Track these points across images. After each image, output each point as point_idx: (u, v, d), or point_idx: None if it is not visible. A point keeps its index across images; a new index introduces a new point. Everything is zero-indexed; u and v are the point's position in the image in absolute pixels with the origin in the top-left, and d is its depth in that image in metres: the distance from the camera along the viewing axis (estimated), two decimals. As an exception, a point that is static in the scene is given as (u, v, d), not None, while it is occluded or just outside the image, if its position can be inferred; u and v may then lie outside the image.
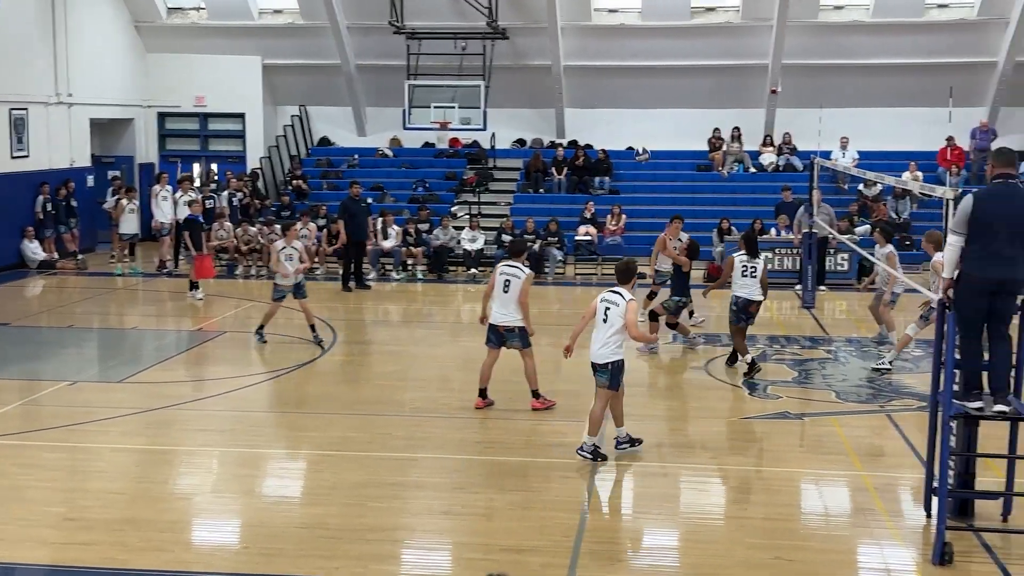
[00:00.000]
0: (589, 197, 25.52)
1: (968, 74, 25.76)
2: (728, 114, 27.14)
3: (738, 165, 26.83)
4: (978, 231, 7.79)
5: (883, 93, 26.51)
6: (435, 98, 26.60)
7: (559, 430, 11.00)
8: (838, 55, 26.28)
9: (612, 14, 27.36)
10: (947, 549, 7.50)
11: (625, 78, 27.50)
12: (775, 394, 12.55)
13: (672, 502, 9.11)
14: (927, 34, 25.90)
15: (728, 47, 26.64)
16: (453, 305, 20.51)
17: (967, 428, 8.19)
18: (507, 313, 11.62)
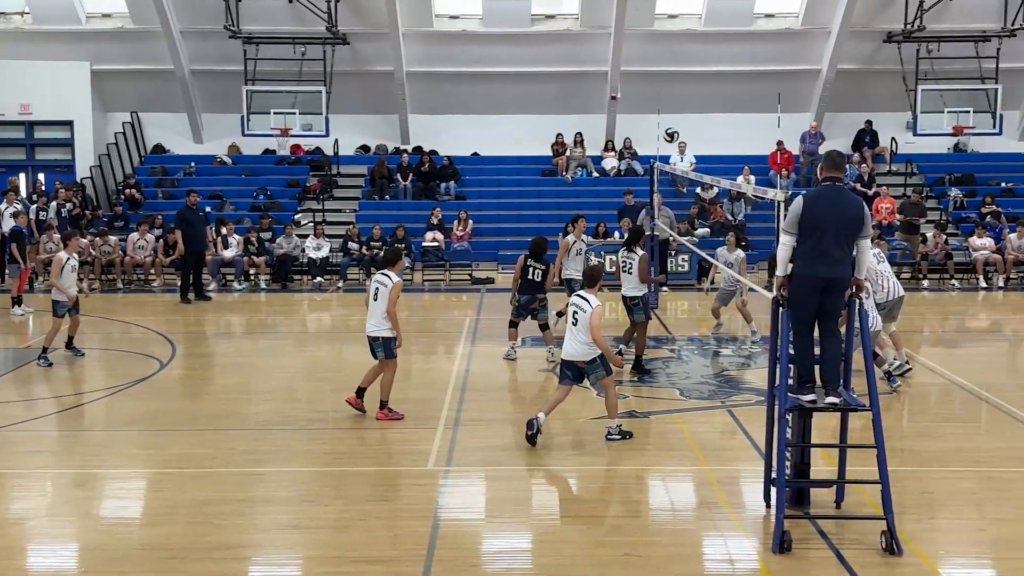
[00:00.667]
0: (435, 203, 25.53)
1: (795, 81, 26.94)
2: (570, 120, 27.60)
3: (581, 170, 27.31)
4: (808, 231, 8.13)
5: (717, 99, 27.45)
6: (275, 104, 26.17)
7: (408, 438, 10.93)
8: (674, 62, 27.07)
9: (453, 20, 27.45)
10: (786, 537, 7.78)
11: (468, 84, 27.63)
12: (621, 394, 12.77)
13: (523, 504, 9.16)
14: (756, 43, 26.96)
15: (568, 54, 27.10)
16: (298, 315, 20.16)
17: (802, 420, 8.52)
18: (373, 323, 11.49)
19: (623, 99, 27.07)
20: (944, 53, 26.10)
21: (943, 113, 25.71)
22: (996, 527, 8.41)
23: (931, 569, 7.55)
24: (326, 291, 22.29)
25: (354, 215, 25.84)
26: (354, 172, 27.79)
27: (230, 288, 22.20)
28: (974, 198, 25.81)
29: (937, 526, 8.50)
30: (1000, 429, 11.33)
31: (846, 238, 8.14)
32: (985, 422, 11.84)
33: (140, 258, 22.49)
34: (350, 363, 15.41)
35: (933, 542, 8.10)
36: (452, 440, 10.76)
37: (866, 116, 27.46)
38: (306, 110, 26.32)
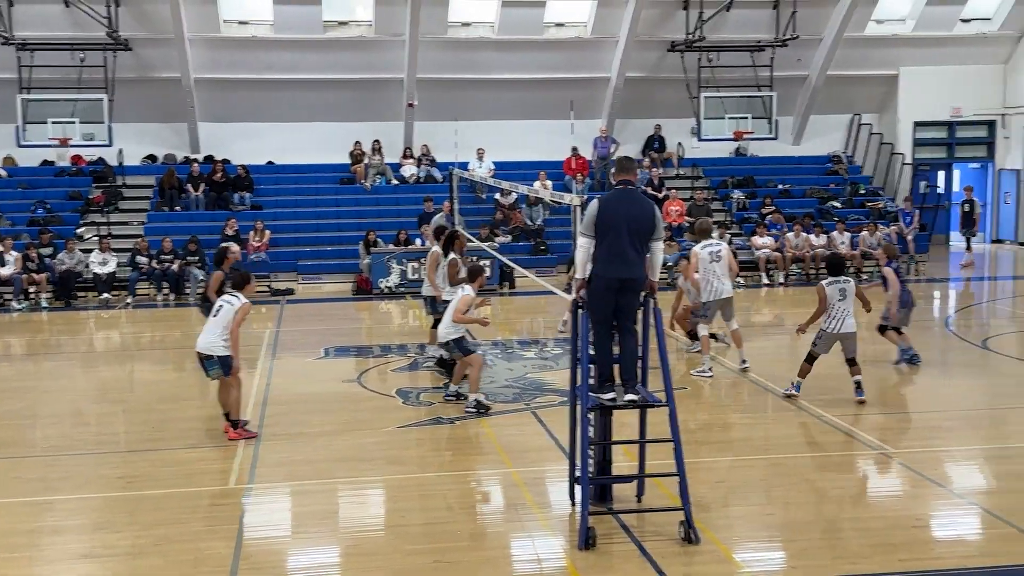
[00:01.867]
0: (230, 213, 24.84)
1: (586, 88, 27.71)
2: (368, 127, 27.42)
3: (380, 178, 27.18)
4: (604, 234, 8.38)
5: (513, 106, 27.89)
6: (53, 113, 24.85)
7: (207, 457, 10.59)
8: (469, 70, 27.34)
9: (243, 26, 26.79)
10: (591, 533, 7.98)
11: (261, 91, 27.03)
12: (428, 401, 12.81)
13: (330, 518, 9.03)
14: (548, 51, 27.57)
15: (363, 61, 26.92)
16: (84, 334, 19.19)
17: (603, 418, 8.76)
18: (208, 340, 11.05)
19: (420, 106, 27.13)
20: (723, 62, 27.44)
21: (724, 119, 27.02)
22: (784, 510, 8.89)
23: (726, 555, 7.91)
24: (114, 308, 21.33)
25: (143, 227, 24.81)
26: (141, 183, 26.67)
27: (8, 308, 20.93)
28: (755, 199, 27.24)
29: (731, 513, 8.91)
30: (785, 417, 11.98)
31: (640, 239, 8.43)
32: (771, 411, 12.49)
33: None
34: (142, 382, 14.82)
35: (728, 529, 8.49)
36: (254, 457, 10.50)
37: (653, 122, 28.54)
38: (87, 119, 25.09)
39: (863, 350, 12.74)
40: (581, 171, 26.82)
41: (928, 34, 28.55)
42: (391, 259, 22.64)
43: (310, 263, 24.05)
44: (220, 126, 27.35)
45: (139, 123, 26.65)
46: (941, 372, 14.45)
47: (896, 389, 13.61)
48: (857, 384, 12.19)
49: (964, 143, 30.27)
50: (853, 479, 9.93)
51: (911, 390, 13.58)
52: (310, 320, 19.62)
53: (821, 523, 8.51)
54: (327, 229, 25.39)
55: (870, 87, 29.54)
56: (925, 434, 11.20)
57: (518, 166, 27.03)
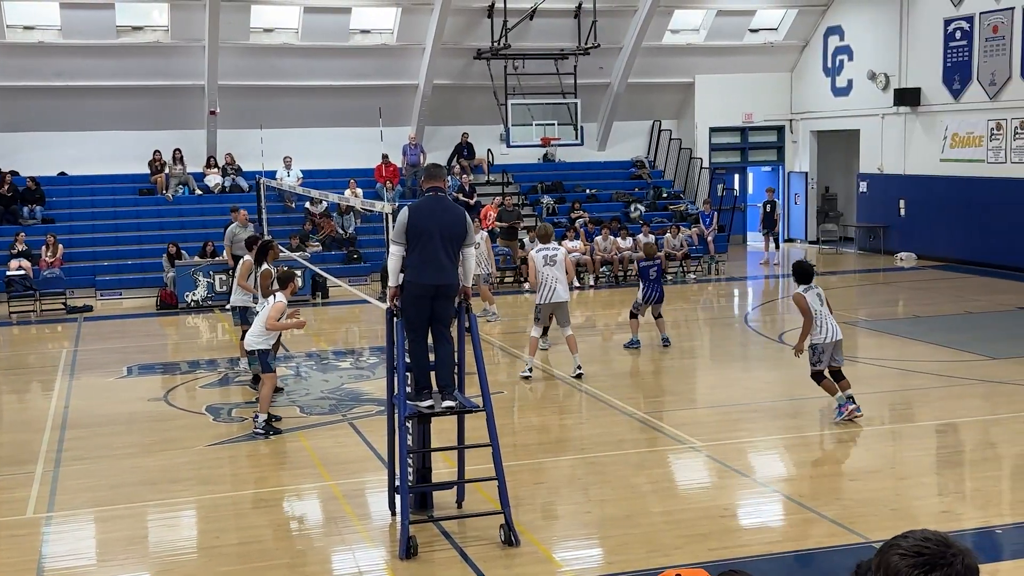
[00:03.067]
0: (19, 228, 23.48)
1: (394, 95, 27.64)
2: (168, 135, 26.45)
3: (183, 187, 26.30)
4: (415, 241, 8.38)
5: (320, 113, 27.52)
6: None
7: (3, 485, 9.99)
8: (273, 76, 26.80)
9: (28, 31, 25.40)
10: (412, 542, 7.96)
11: (51, 99, 25.67)
12: (240, 416, 12.48)
13: (139, 542, 8.67)
14: (354, 58, 27.35)
15: (161, 67, 25.97)
16: None
17: (421, 426, 8.76)
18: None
19: (223, 114, 26.40)
20: (529, 69, 27.91)
21: (532, 126, 27.48)
22: (601, 507, 9.11)
23: (546, 555, 8.04)
24: None
25: (-79, 245, 23.17)
26: (-79, 197, 24.90)
27: None
28: (564, 204, 27.83)
29: (550, 513, 9.07)
30: (597, 417, 12.28)
31: (452, 246, 8.47)
32: (585, 411, 12.79)
33: None
34: None
35: (547, 529, 8.64)
36: (53, 483, 9.97)
37: (463, 128, 28.75)
38: None
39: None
40: (392, 179, 26.74)
41: (720, 43, 29.90)
42: (197, 271, 21.94)
43: (109, 278, 23.01)
44: (7, 136, 25.81)
45: (-85, 133, 24.87)
46: (741, 366, 15.14)
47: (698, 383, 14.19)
48: (850, 398, 11.39)
49: (756, 147, 31.84)
50: (664, 473, 10.27)
51: (712, 384, 14.17)
52: (111, 337, 18.77)
53: (636, 518, 8.76)
54: (127, 242, 24.35)
55: (668, 94, 30.70)
56: (728, 426, 11.71)
57: (328, 174, 26.69)
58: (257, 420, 11.58)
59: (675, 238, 25.01)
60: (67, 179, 26.23)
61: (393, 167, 27.03)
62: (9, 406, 14.06)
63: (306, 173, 26.38)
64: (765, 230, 27.41)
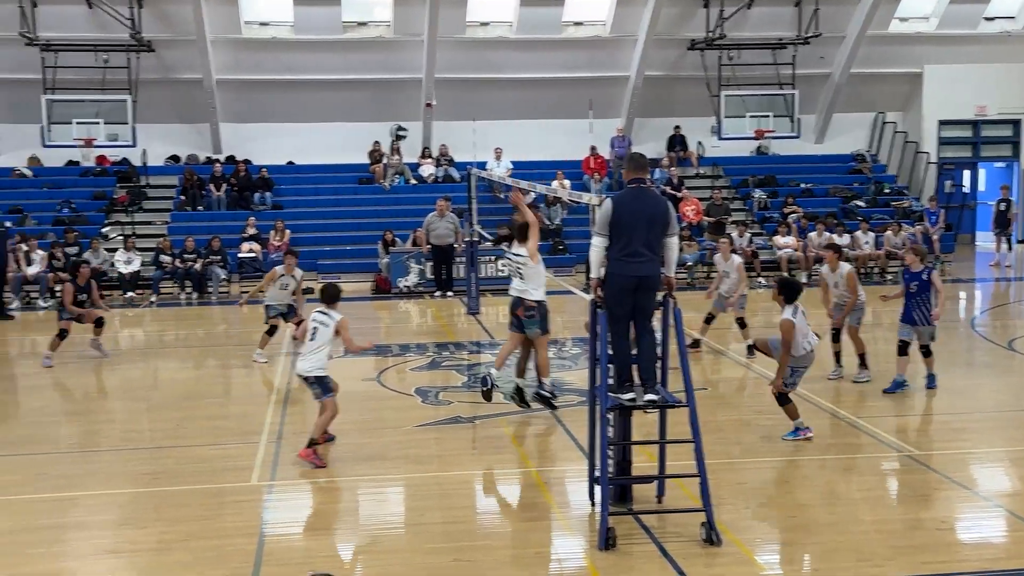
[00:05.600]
0: (250, 213, 24.96)
1: (605, 87, 27.68)
2: (387, 127, 27.48)
3: (399, 177, 27.24)
4: (618, 232, 8.37)
5: (530, 106, 27.90)
6: (78, 114, 25.04)
7: (229, 454, 10.66)
8: (487, 69, 27.37)
9: (264, 27, 26.92)
10: (611, 534, 7.97)
11: (281, 92, 27.15)
12: (446, 400, 12.84)
13: (351, 516, 9.08)
14: (566, 50, 27.56)
15: (382, 61, 27.00)
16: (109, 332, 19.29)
17: (622, 418, 8.75)
18: (308, 364, 10.36)
19: (439, 106, 27.18)
20: (744, 60, 27.35)
21: (745, 118, 26.93)
22: (805, 512, 8.86)
23: (748, 556, 7.89)
24: (138, 306, 21.46)
25: (166, 227, 24.98)
26: (164, 183, 26.85)
27: (34, 306, 21.09)
28: (776, 199, 27.14)
29: (752, 514, 8.87)
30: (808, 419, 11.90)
31: (655, 236, 8.42)
32: (792, 411, 12.42)
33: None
34: (166, 379, 14.92)
35: (750, 530, 8.47)
36: (276, 454, 10.55)
37: (674, 121, 28.46)
38: (111, 119, 25.27)
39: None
40: (599, 170, 26.79)
41: (952, 32, 28.38)
42: (409, 259, 22.70)
43: (330, 263, 24.12)
44: (241, 127, 27.50)
45: (162, 124, 26.82)
46: (966, 373, 14.36)
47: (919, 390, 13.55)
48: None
49: (989, 142, 30.06)
50: (876, 480, 9.87)
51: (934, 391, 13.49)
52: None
53: (843, 525, 8.47)
54: (346, 229, 25.47)
55: (894, 85, 29.38)
56: (949, 435, 11.14)
57: (536, 166, 27.04)
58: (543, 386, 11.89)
59: (896, 236, 23.95)
60: (294, 168, 27.67)
61: (601, 159, 27.08)
62: (238, 380, 14.96)
63: (515, 164, 26.81)
64: (998, 230, 25.78)
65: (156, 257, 22.66)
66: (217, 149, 27.61)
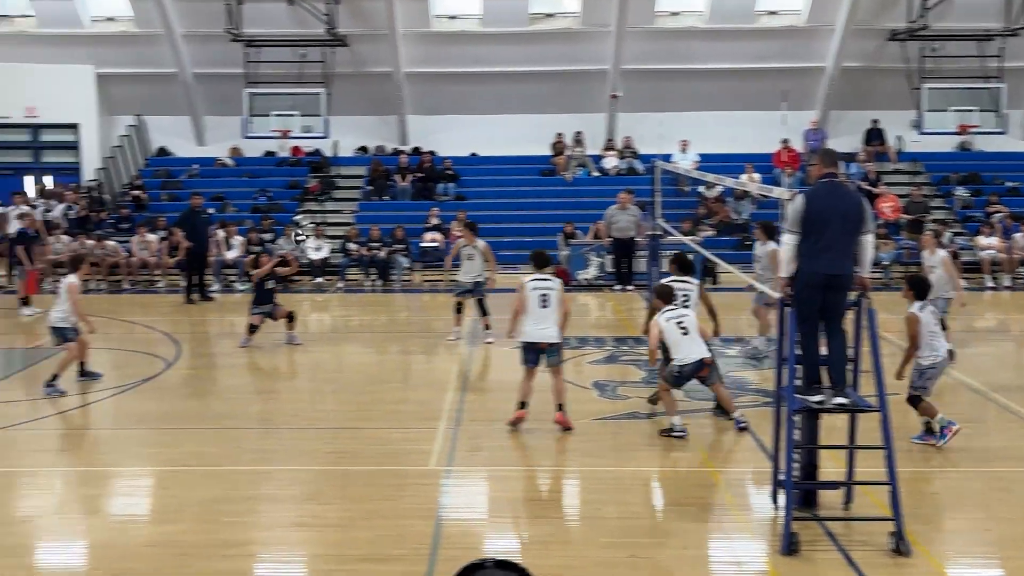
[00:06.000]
0: (434, 204, 25.47)
1: (799, 78, 26.87)
2: (570, 119, 27.52)
3: (581, 169, 27.23)
4: (810, 229, 8.08)
5: (720, 97, 27.35)
6: (275, 106, 26.14)
7: (410, 438, 10.89)
8: (676, 60, 26.99)
9: (452, 21, 27.40)
10: (794, 539, 7.73)
11: (467, 84, 27.57)
12: (624, 395, 12.74)
13: (526, 505, 9.12)
14: (760, 40, 26.88)
15: (568, 53, 27.02)
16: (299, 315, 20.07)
17: (809, 421, 8.46)
18: (548, 330, 10.71)
19: (624, 97, 27.01)
20: (948, 52, 26.05)
21: (948, 112, 25.65)
22: (1002, 526, 8.35)
23: (938, 570, 7.51)
24: (326, 291, 22.25)
25: (353, 216, 25.79)
26: (353, 173, 27.74)
27: (233, 289, 22.16)
28: (980, 197, 25.73)
29: (944, 526, 8.46)
30: (1006, 428, 11.27)
31: (848, 234, 8.10)
32: (992, 422, 11.77)
33: (144, 258, 22.50)
34: (351, 363, 15.40)
35: (941, 543, 8.06)
36: (454, 440, 10.72)
37: (871, 114, 27.34)
38: (306, 112, 26.28)
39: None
40: (791, 164, 26.03)
41: None
42: (589, 251, 22.66)
43: (510, 254, 24.30)
44: (427, 118, 28.10)
45: (352, 116, 27.67)
46: None
47: None
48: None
49: None
50: (1084, 498, 9.21)
51: None
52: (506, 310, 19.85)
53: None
54: (527, 220, 25.64)
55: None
56: None
57: (724, 158, 26.49)
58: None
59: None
60: (478, 159, 28.07)
61: (793, 152, 26.31)
62: (419, 366, 15.30)
63: (703, 157, 26.36)
64: None
65: (344, 245, 23.42)
66: (404, 140, 28.31)
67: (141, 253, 22.54)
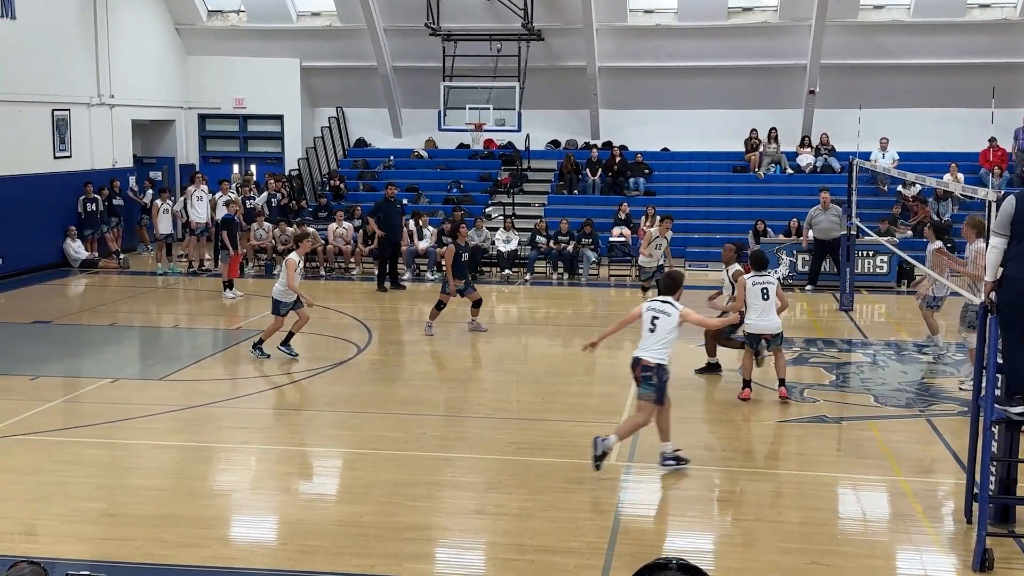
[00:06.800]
0: (623, 198, 25.44)
1: (1010, 74, 25.44)
2: (765, 115, 26.95)
3: (775, 166, 26.64)
4: (1020, 233, 7.69)
5: (923, 93, 26.24)
6: (470, 100, 26.65)
7: (591, 432, 10.89)
8: (877, 55, 26.04)
9: (648, 15, 27.27)
10: (988, 555, 7.40)
11: (660, 79, 27.40)
12: (812, 398, 12.45)
13: (706, 505, 9.06)
14: (968, 34, 25.60)
15: (765, 47, 26.47)
16: (487, 306, 20.46)
17: (1008, 433, 8.07)
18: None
19: (821, 93, 26.25)
20: None
21: None
22: None
23: None
24: (513, 283, 22.59)
25: (542, 209, 26.06)
26: (544, 167, 28.02)
27: (423, 278, 22.79)
28: None
29: None
30: None
31: (1061, 238, 7.66)
32: None
33: (340, 246, 23.43)
34: (535, 355, 15.62)
35: None
36: (635, 436, 10.72)
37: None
38: (500, 105, 26.70)
39: None
40: (999, 164, 24.68)
41: None
42: (781, 250, 22.15)
43: (699, 250, 24.07)
44: (619, 113, 28.09)
45: (545, 110, 27.96)
46: None
47: None
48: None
49: None
50: None
51: None
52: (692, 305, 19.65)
53: None
54: (717, 217, 25.29)
55: None
56: None
57: (925, 157, 25.39)
58: None
59: None
60: (669, 155, 27.87)
61: (1001, 151, 24.94)
62: (602, 361, 15.34)
63: (902, 155, 25.36)
64: None
65: (532, 238, 23.70)
66: (595, 135, 28.40)
67: (337, 241, 23.48)
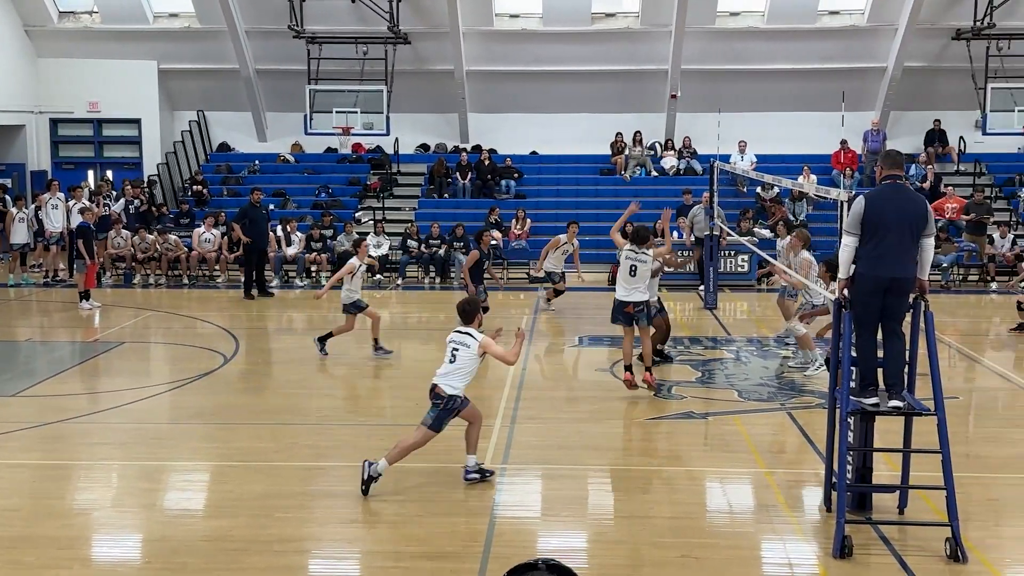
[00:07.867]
0: (494, 201, 25.57)
1: (859, 79, 26.56)
2: (630, 118, 27.48)
3: (640, 169, 27.17)
4: (870, 232, 8.03)
5: (779, 97, 27.16)
6: (337, 103, 26.39)
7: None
8: (735, 60, 26.84)
9: (514, 19, 27.48)
10: (847, 542, 7.69)
11: (528, 83, 27.65)
12: (679, 394, 12.73)
13: (579, 504, 9.16)
14: (820, 40, 26.62)
15: (628, 52, 26.99)
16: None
17: (864, 424, 8.41)
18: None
19: (683, 97, 26.91)
20: (1015, 51, 25.55)
21: (1014, 112, 25.15)
22: (1064, 536, 8.23)
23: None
24: (385, 289, 22.45)
25: (413, 213, 25.99)
26: (414, 171, 27.95)
27: (292, 285, 22.45)
28: (1045, 199, 25.23)
29: (1003, 533, 8.34)
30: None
31: (910, 237, 8.03)
32: (1054, 428, 11.56)
33: (205, 252, 22.87)
34: (408, 359, 15.54)
35: (999, 549, 7.96)
36: (509, 438, 10.79)
37: (932, 115, 26.96)
38: (367, 109, 26.51)
39: None
40: (850, 165, 25.74)
41: None
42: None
43: (569, 252, 24.32)
44: (488, 116, 28.23)
45: (414, 113, 27.90)
46: None
47: None
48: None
49: None
50: None
51: None
52: (564, 309, 19.90)
53: (1107, 553, 7.81)
54: (586, 219, 25.58)
55: None
56: None
57: (782, 159, 26.29)
58: None
59: None
60: (538, 158, 28.15)
61: (852, 153, 26.03)
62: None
63: (760, 158, 26.18)
64: None
65: (403, 242, 23.61)
66: (464, 138, 28.46)
67: (203, 246, 22.93)
